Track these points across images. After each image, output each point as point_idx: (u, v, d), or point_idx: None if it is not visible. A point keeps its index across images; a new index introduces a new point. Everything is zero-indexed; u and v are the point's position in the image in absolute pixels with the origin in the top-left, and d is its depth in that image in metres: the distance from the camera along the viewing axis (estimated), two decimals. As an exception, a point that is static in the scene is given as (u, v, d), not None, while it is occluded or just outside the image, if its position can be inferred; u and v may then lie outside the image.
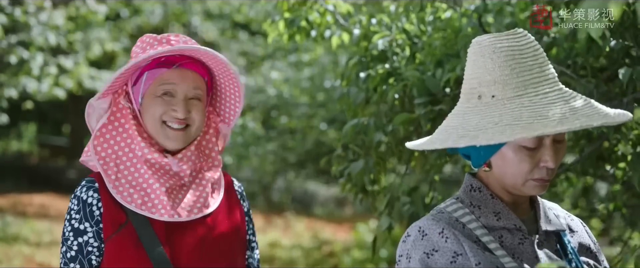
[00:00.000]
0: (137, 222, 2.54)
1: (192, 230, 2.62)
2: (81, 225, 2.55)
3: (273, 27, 4.44)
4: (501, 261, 2.09)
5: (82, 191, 2.58)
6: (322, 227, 15.07)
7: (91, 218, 2.55)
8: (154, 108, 2.60)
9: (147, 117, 2.62)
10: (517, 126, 2.00)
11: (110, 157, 2.62)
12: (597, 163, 4.29)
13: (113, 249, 2.54)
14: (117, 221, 2.55)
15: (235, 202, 2.81)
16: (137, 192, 2.57)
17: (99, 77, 13.76)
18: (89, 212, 2.55)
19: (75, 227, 2.55)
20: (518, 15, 4.09)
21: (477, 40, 2.17)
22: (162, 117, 2.60)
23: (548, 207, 2.33)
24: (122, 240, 2.54)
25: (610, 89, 3.63)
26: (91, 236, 2.55)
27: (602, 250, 2.40)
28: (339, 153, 4.22)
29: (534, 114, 2.01)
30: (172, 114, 2.59)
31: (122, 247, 2.54)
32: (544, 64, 2.12)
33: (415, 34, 4.16)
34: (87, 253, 2.55)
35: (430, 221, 2.17)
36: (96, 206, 2.55)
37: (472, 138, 2.03)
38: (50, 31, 11.68)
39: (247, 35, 17.44)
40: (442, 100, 3.75)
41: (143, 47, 2.65)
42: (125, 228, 2.55)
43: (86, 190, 2.58)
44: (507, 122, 2.02)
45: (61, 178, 18.48)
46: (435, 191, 4.00)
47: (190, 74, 2.62)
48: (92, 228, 2.54)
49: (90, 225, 2.54)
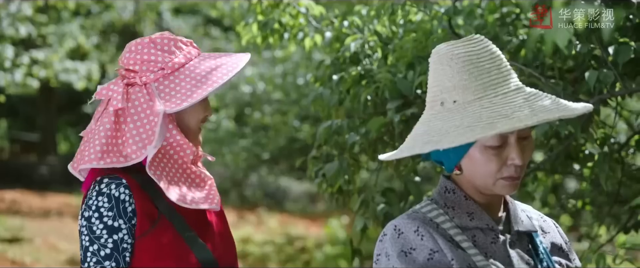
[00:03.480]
0: (170, 216, 2.57)
1: (210, 220, 2.70)
2: (115, 222, 2.51)
3: (246, 30, 4.48)
4: (473, 259, 2.13)
5: (112, 188, 2.53)
6: (295, 222, 15.12)
7: (124, 215, 2.52)
8: (198, 113, 2.66)
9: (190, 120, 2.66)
10: (477, 127, 2.04)
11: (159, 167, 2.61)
12: (566, 162, 4.37)
13: (151, 245, 2.54)
14: (151, 216, 2.55)
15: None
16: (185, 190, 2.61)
17: (74, 69, 13.69)
18: (122, 209, 2.52)
19: (109, 224, 2.51)
20: (487, 17, 4.15)
21: (435, 49, 2.23)
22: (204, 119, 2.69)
23: (521, 209, 2.38)
24: (161, 235, 2.55)
25: (576, 90, 3.70)
26: (126, 233, 2.52)
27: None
28: (314, 154, 4.27)
29: (494, 114, 2.06)
30: (207, 114, 2.70)
31: (161, 241, 2.55)
32: (502, 66, 2.17)
33: (387, 36, 4.21)
34: (122, 250, 2.52)
35: (405, 220, 2.21)
36: (129, 202, 2.53)
37: (436, 143, 2.08)
38: (20, 22, 11.62)
39: (219, 32, 17.41)
40: (414, 103, 3.80)
41: (168, 51, 2.65)
42: (160, 222, 2.55)
43: (116, 187, 2.54)
44: (467, 124, 2.07)
45: (32, 174, 18.37)
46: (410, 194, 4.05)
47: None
48: (126, 225, 2.52)
49: (124, 222, 2.52)
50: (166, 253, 2.55)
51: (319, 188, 4.23)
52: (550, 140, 4.11)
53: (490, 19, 4.10)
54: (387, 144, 4.11)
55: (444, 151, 2.20)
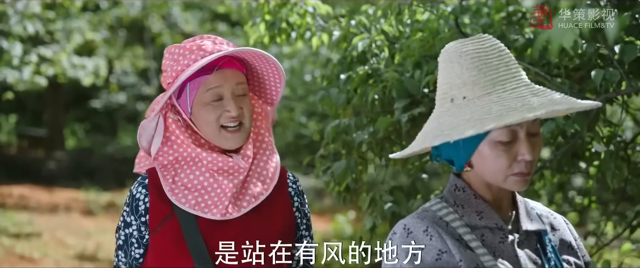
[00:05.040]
0: (181, 217, 2.63)
1: (235, 225, 2.67)
2: (128, 218, 2.69)
3: (254, 29, 4.51)
4: (481, 259, 2.15)
5: (134, 187, 2.70)
6: (302, 217, 15.11)
7: (136, 213, 2.67)
8: (207, 115, 2.66)
9: (201, 124, 2.68)
10: (487, 119, 2.06)
11: (171, 164, 2.70)
12: (572, 161, 4.38)
13: (157, 241, 2.65)
14: (162, 213, 2.65)
15: (284, 196, 2.84)
16: (192, 193, 2.65)
17: (81, 65, 13.72)
18: (135, 207, 2.67)
19: (124, 219, 2.70)
20: (494, 15, 4.17)
21: (444, 48, 2.26)
22: (218, 121, 2.66)
23: (531, 207, 2.39)
24: (166, 232, 2.63)
25: (583, 89, 3.71)
26: (135, 229, 2.67)
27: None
28: (322, 152, 4.30)
29: (504, 107, 2.09)
30: (227, 115, 2.65)
31: (165, 239, 2.63)
32: (510, 63, 2.19)
33: (393, 35, 4.23)
34: (131, 244, 2.69)
35: (415, 219, 2.23)
36: (142, 201, 2.67)
37: (446, 136, 2.10)
38: (28, 20, 11.65)
39: (226, 27, 17.41)
40: (421, 102, 3.82)
41: (175, 59, 2.69)
42: (169, 220, 2.64)
43: (137, 186, 2.70)
44: (477, 117, 2.09)
45: (40, 169, 18.39)
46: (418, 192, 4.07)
47: (230, 73, 2.68)
48: (136, 222, 2.67)
49: (134, 219, 2.67)
50: (165, 253, 2.63)
51: (326, 187, 4.25)
52: (557, 139, 4.12)
53: (496, 18, 4.12)
54: (395, 143, 4.13)
55: (454, 148, 2.22)
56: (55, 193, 16.30)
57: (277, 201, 2.79)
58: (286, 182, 2.87)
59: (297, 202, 2.87)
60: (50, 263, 10.05)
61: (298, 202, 2.87)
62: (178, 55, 2.68)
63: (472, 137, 2.14)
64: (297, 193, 2.88)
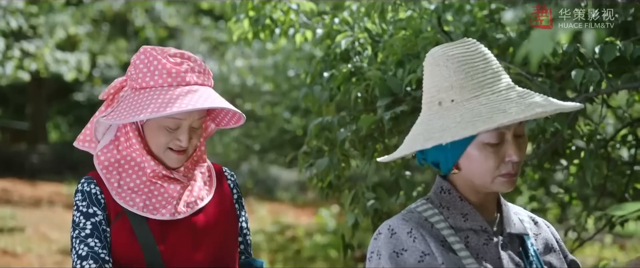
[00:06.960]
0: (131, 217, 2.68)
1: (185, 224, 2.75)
2: (90, 209, 2.69)
3: (237, 26, 4.52)
4: (464, 262, 2.18)
5: (84, 185, 2.72)
6: (285, 211, 15.15)
7: (98, 204, 2.70)
8: (158, 138, 2.70)
9: (151, 141, 2.73)
10: (478, 121, 2.09)
11: (113, 166, 2.75)
12: (553, 158, 4.42)
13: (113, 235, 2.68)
14: (115, 210, 2.70)
15: (226, 192, 2.95)
16: (139, 196, 2.70)
17: (64, 60, 13.70)
18: (95, 199, 2.70)
19: (84, 211, 2.69)
20: (476, 13, 4.19)
21: (430, 53, 2.28)
22: (167, 144, 2.71)
23: (514, 211, 2.42)
24: (118, 229, 2.68)
25: (563, 88, 3.74)
26: (102, 217, 2.69)
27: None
28: (305, 149, 4.32)
29: (493, 109, 2.11)
30: (177, 143, 2.70)
31: (118, 235, 2.68)
32: (495, 66, 2.23)
33: (376, 33, 4.25)
34: (103, 231, 2.68)
35: (400, 220, 2.25)
36: (100, 196, 2.71)
37: (438, 139, 2.12)
38: (11, 15, 11.61)
39: (210, 21, 17.39)
40: (404, 101, 3.85)
41: (150, 70, 2.69)
42: (121, 218, 2.69)
43: (87, 185, 2.72)
44: (468, 119, 2.11)
45: (23, 162, 18.36)
46: (401, 189, 4.10)
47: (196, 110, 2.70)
48: (101, 212, 2.69)
49: (98, 209, 2.69)
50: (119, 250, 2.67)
51: (309, 183, 4.28)
52: (538, 137, 4.16)
53: (479, 15, 4.14)
54: (377, 141, 4.16)
55: (442, 151, 2.24)
56: (38, 187, 16.27)
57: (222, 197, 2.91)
58: (224, 177, 2.99)
59: (236, 194, 3.00)
60: (34, 258, 10.04)
61: (236, 194, 3.00)
62: (155, 68, 2.69)
63: (460, 140, 2.17)
64: (235, 185, 3.00)
